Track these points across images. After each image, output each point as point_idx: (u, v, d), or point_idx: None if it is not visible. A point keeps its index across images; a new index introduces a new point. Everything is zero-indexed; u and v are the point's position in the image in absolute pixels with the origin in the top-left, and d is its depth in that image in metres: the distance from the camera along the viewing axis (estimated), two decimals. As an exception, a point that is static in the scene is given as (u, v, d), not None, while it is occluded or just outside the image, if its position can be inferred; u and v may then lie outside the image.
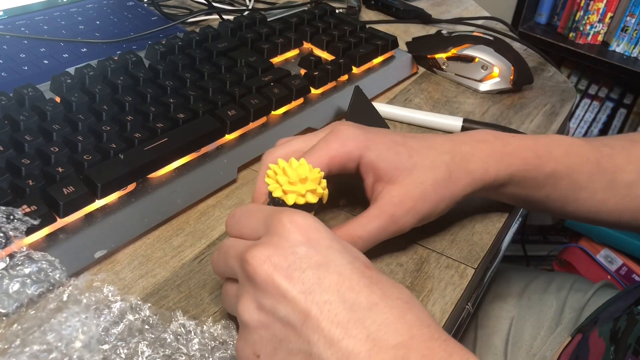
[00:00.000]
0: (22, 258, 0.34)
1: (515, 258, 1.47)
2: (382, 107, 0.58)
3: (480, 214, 0.47)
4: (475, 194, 0.42)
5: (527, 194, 0.44)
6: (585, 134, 1.74)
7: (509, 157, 0.42)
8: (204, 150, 0.46)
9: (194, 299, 0.37)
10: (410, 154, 0.40)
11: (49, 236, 0.37)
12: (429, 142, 0.41)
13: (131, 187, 0.42)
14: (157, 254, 0.39)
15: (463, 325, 0.41)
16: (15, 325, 0.31)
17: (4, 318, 0.32)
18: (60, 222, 0.38)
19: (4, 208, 0.35)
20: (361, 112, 0.50)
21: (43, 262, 0.34)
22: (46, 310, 0.32)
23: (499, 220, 0.47)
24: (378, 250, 0.42)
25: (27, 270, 0.34)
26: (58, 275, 0.34)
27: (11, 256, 0.34)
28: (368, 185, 0.40)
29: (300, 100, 0.54)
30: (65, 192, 0.38)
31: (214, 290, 0.37)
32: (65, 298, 0.33)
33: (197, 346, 0.32)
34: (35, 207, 0.36)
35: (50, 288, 0.34)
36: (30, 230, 0.35)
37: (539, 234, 1.58)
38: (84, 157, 0.40)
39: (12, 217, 0.35)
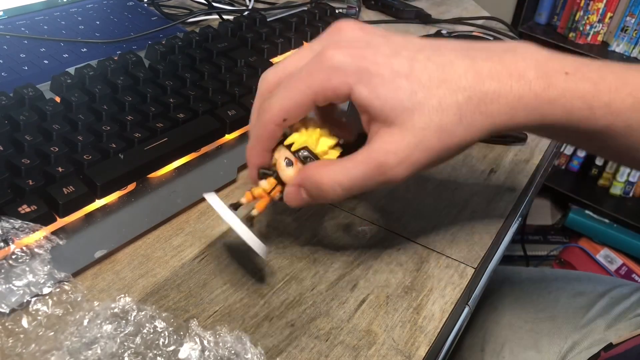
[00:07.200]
0: (22, 257, 0.34)
1: (515, 258, 1.47)
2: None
3: (480, 214, 0.47)
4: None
5: (569, 141, 0.38)
6: (585, 134, 1.74)
7: (549, 106, 0.33)
8: (204, 150, 0.46)
9: (194, 298, 0.37)
10: (413, 89, 0.32)
11: (49, 236, 0.37)
12: (445, 73, 0.33)
13: (131, 186, 0.42)
14: (157, 254, 0.40)
15: (463, 325, 0.41)
16: (33, 345, 0.31)
17: (22, 336, 0.32)
18: (60, 222, 0.38)
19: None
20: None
21: (43, 263, 0.35)
22: (60, 323, 0.32)
23: (498, 220, 0.47)
24: (377, 249, 0.42)
25: (27, 272, 0.34)
26: (62, 277, 0.34)
27: (10, 257, 0.34)
28: (364, 122, 0.34)
29: (300, 100, 0.54)
30: (65, 192, 0.38)
31: (214, 290, 0.37)
32: (75, 307, 0.33)
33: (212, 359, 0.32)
34: (35, 207, 0.36)
35: (54, 289, 0.34)
36: (29, 230, 0.35)
37: (538, 234, 1.59)
38: (84, 156, 0.40)
39: (11, 219, 0.35)
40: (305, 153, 0.35)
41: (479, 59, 0.33)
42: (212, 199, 0.36)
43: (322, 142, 0.36)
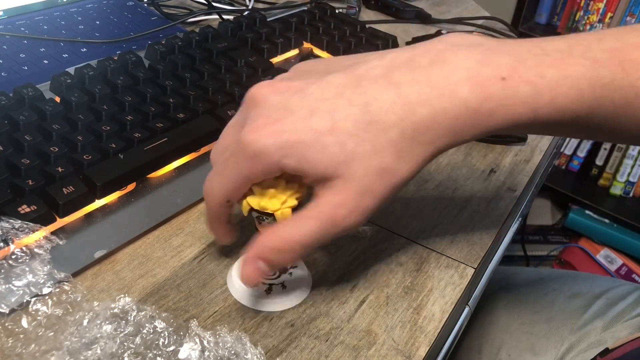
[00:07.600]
0: (22, 257, 0.34)
1: (515, 258, 1.47)
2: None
3: (480, 214, 0.47)
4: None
5: (524, 132, 0.37)
6: (585, 134, 1.74)
7: (489, 118, 0.32)
8: (203, 150, 0.46)
9: (193, 298, 0.37)
10: (341, 142, 0.31)
11: (49, 236, 0.37)
12: (370, 114, 0.31)
13: (131, 187, 0.42)
14: (157, 254, 0.39)
15: (463, 325, 0.41)
16: (33, 345, 0.31)
17: (21, 336, 0.32)
18: (60, 222, 0.38)
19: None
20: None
21: (43, 263, 0.35)
22: (60, 323, 0.32)
23: (498, 220, 0.47)
24: (377, 249, 0.42)
25: (27, 272, 0.34)
26: (61, 277, 0.34)
27: (10, 257, 0.34)
28: (306, 182, 0.34)
29: (300, 100, 0.54)
30: (65, 192, 0.38)
31: (214, 290, 0.37)
32: (75, 307, 0.33)
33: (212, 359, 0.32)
34: (35, 207, 0.36)
35: (54, 290, 0.34)
36: (29, 230, 0.35)
37: (539, 234, 1.58)
38: (84, 156, 0.40)
39: (11, 219, 0.35)
40: (256, 214, 0.35)
41: (405, 83, 0.32)
42: (237, 294, 0.37)
43: (273, 201, 0.35)
